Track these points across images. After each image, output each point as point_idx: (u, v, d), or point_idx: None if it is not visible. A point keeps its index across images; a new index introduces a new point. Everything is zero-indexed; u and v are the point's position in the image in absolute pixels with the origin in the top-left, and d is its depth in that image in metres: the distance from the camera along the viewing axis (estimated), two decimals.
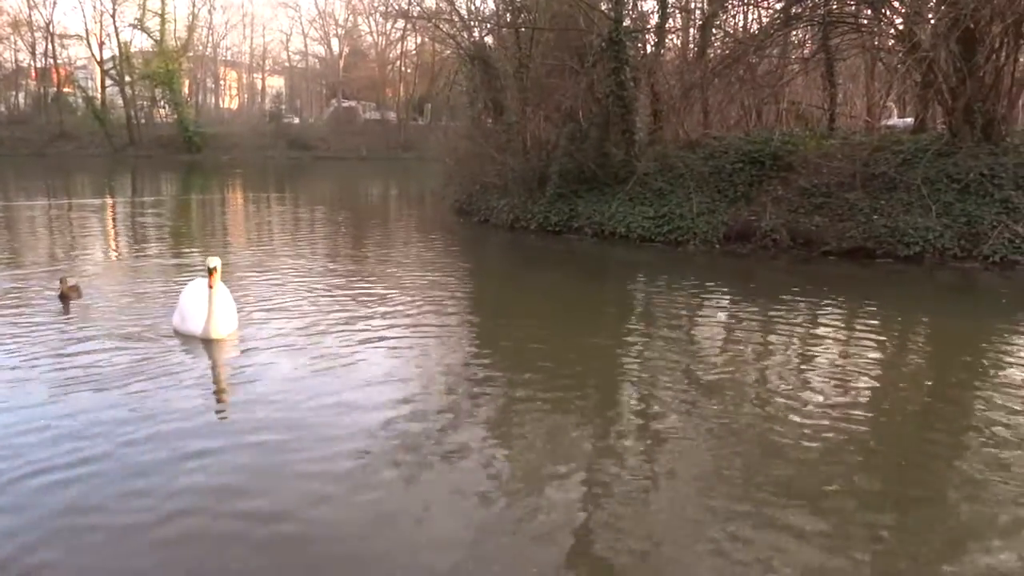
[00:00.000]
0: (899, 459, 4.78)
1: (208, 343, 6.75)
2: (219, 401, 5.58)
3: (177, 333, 7.00)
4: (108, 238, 15.44)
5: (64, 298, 8.32)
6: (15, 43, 56.30)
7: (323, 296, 9.16)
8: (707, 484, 4.29)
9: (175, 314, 7.18)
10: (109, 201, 23.61)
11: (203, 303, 6.81)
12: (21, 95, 59.48)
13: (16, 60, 57.51)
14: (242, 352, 6.69)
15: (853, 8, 15.02)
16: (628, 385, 6.16)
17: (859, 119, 18.66)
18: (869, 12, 14.53)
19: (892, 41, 14.96)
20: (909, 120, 16.98)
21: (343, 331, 7.35)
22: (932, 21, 13.21)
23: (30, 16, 54.08)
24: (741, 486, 4.25)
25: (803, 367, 6.59)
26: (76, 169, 38.21)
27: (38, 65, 56.13)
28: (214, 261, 6.80)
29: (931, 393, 6.13)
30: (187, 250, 13.42)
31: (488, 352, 7.04)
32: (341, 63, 61.72)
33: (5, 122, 54.24)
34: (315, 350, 6.68)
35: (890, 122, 18.33)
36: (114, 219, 19.03)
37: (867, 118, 18.13)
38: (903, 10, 13.94)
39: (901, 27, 13.79)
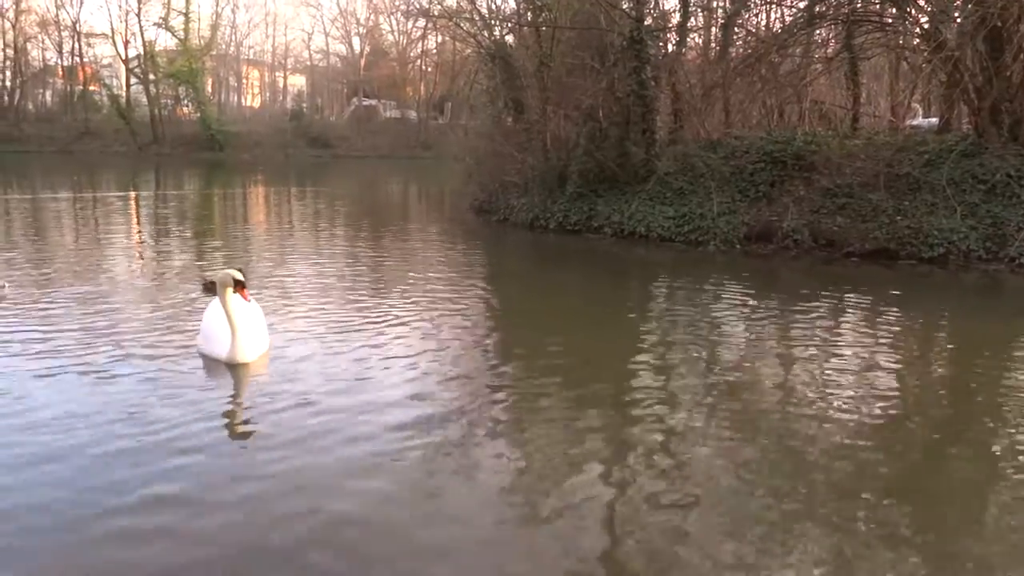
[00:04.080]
0: (922, 462, 4.75)
1: (234, 368, 6.02)
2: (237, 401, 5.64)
3: (202, 356, 6.25)
4: (132, 232, 15.63)
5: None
6: (43, 42, 57.24)
7: (342, 295, 9.23)
8: (728, 485, 4.27)
9: (200, 334, 6.39)
10: (132, 194, 23.90)
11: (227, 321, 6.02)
12: (48, 93, 60.40)
13: (44, 59, 58.46)
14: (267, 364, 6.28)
15: (877, 7, 14.88)
16: (648, 386, 6.14)
17: (883, 119, 18.47)
18: (894, 10, 14.40)
19: (917, 40, 14.80)
20: (934, 120, 16.79)
21: (362, 330, 7.40)
22: (958, 20, 13.05)
23: (57, 15, 54.94)
24: (762, 487, 4.23)
25: (825, 369, 6.54)
26: (101, 166, 38.72)
27: (65, 64, 56.95)
28: (239, 274, 6.03)
29: (955, 396, 6.07)
30: (210, 247, 13.56)
31: (508, 352, 7.05)
32: (362, 62, 62.03)
33: (32, 120, 55.03)
34: (334, 349, 6.73)
35: (915, 122, 18.12)
36: (138, 213, 19.27)
37: (891, 118, 17.94)
38: (928, 8, 13.78)
39: (926, 26, 13.64)
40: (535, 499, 4.08)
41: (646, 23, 14.88)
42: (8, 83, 55.13)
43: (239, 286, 5.96)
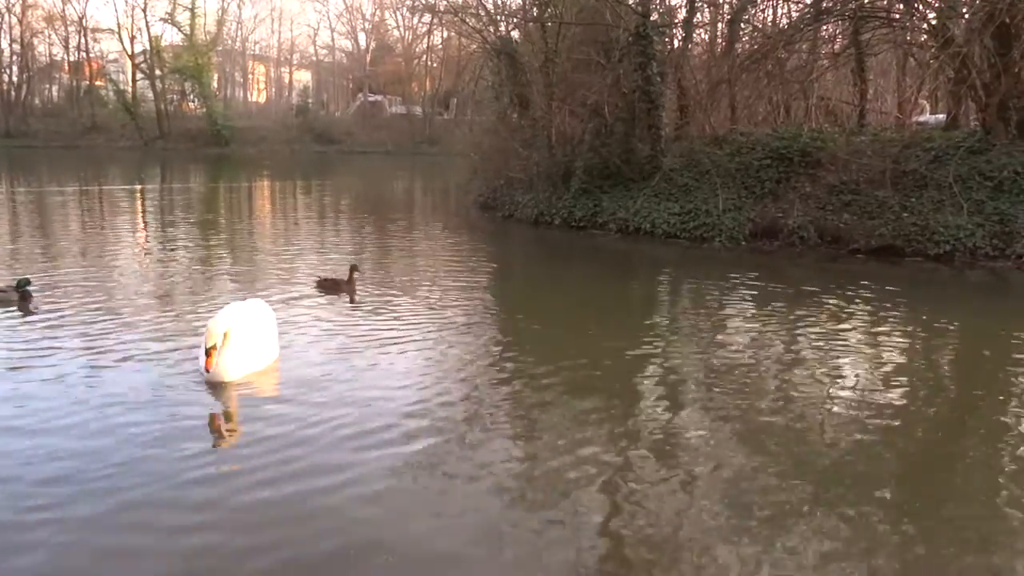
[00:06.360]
0: (927, 460, 4.74)
1: (213, 385, 5.57)
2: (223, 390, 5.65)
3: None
4: (138, 229, 15.67)
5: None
6: (49, 37, 57.46)
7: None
8: (732, 484, 4.27)
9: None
10: (139, 187, 23.95)
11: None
12: (54, 88, 60.57)
13: (50, 54, 58.69)
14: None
15: (885, 2, 14.82)
16: (652, 383, 6.15)
17: (890, 115, 18.41)
18: (901, 6, 14.35)
19: (924, 36, 14.76)
20: (941, 117, 16.69)
21: (368, 326, 7.43)
22: (966, 16, 13.00)
23: (63, 11, 55.16)
24: (769, 484, 4.23)
25: (830, 367, 6.53)
26: (108, 161, 38.80)
27: (71, 59, 57.14)
28: (216, 336, 5.41)
29: (960, 394, 6.05)
30: (216, 247, 13.57)
31: (512, 349, 7.04)
32: (367, 57, 62.05)
33: (39, 115, 55.26)
34: (339, 344, 6.75)
35: (922, 119, 18.01)
36: (144, 207, 19.31)
37: (898, 114, 17.87)
38: (936, 4, 13.73)
39: (934, 22, 13.60)
40: (542, 499, 4.09)
41: (652, 19, 14.85)
42: (15, 78, 55.33)
43: (209, 352, 5.45)
